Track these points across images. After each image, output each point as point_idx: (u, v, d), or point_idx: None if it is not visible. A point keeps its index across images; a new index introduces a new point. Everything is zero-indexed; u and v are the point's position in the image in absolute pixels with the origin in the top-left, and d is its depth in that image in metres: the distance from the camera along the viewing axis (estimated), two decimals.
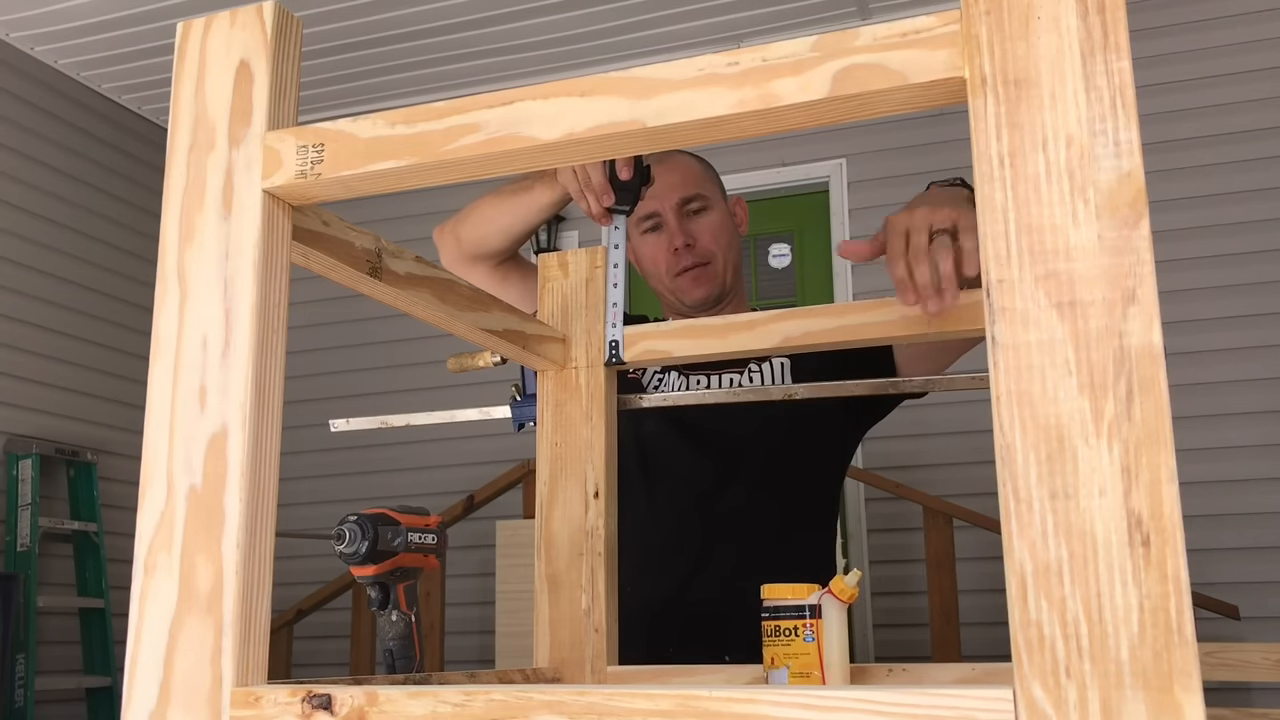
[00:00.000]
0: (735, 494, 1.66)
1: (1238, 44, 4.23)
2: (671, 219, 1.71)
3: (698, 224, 1.72)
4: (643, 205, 1.70)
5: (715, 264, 1.72)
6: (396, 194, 1.84)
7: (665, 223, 1.72)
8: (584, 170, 1.45)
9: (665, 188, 1.70)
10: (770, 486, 1.65)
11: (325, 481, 4.94)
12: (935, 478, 4.09)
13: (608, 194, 1.45)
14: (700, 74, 0.71)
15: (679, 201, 1.71)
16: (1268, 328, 4.04)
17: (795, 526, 1.64)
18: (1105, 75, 0.62)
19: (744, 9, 4.46)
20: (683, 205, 1.72)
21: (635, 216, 1.72)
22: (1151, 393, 0.58)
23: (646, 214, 1.72)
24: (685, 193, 1.72)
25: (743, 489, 1.66)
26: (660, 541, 1.63)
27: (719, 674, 1.21)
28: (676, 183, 1.72)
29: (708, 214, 1.73)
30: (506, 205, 1.61)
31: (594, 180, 1.44)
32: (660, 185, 1.69)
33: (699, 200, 1.73)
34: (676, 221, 1.71)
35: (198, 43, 0.84)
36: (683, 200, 1.71)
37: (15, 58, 4.64)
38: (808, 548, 1.65)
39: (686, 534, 1.65)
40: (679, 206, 1.71)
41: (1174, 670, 0.55)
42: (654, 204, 1.70)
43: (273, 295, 0.80)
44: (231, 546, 0.75)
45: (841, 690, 0.60)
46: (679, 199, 1.71)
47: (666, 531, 1.64)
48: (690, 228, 1.72)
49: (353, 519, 1.17)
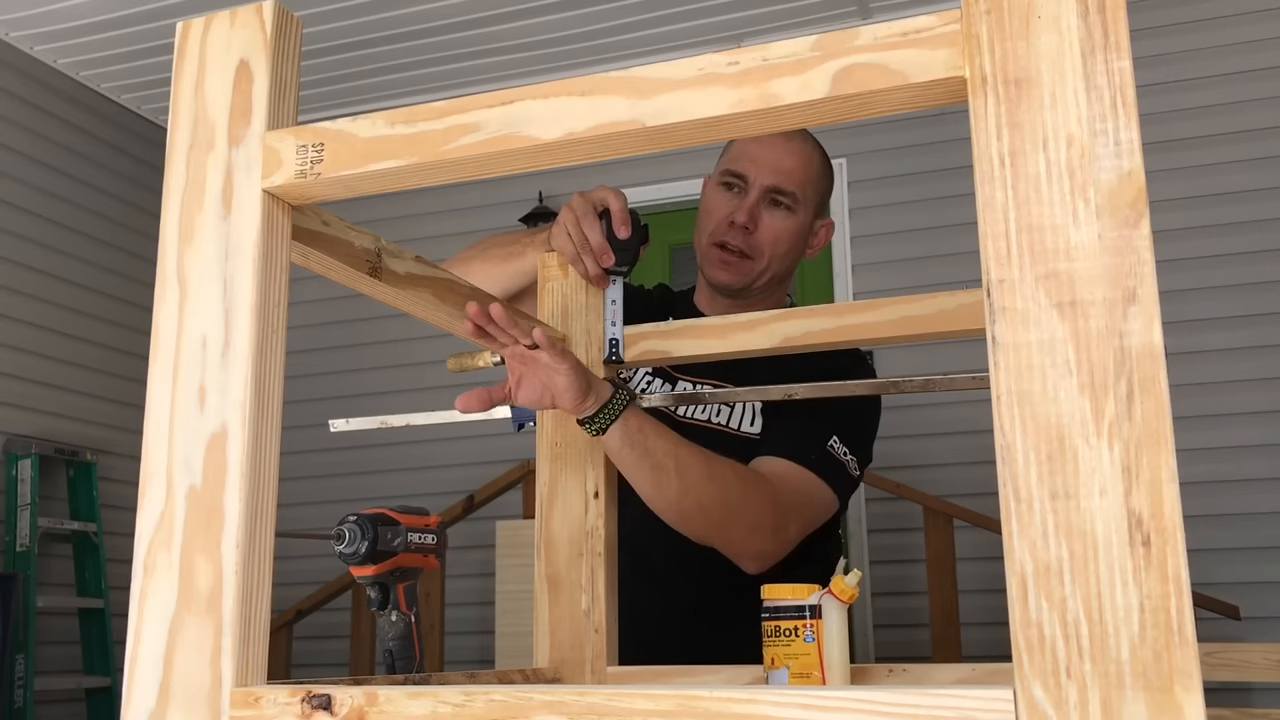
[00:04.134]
0: None
1: (1238, 44, 4.23)
2: (753, 194, 1.60)
3: (770, 218, 1.62)
4: (738, 161, 1.62)
5: (757, 262, 1.63)
6: (396, 194, 1.84)
7: (746, 192, 1.61)
8: (579, 230, 1.39)
9: (770, 163, 1.60)
10: None
11: (325, 481, 4.94)
12: (935, 478, 4.09)
13: (608, 254, 1.38)
14: (700, 74, 0.71)
15: (770, 186, 1.61)
16: (1267, 327, 4.04)
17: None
18: (1106, 75, 0.62)
19: (744, 9, 4.46)
20: (771, 191, 1.61)
21: (722, 168, 1.63)
22: (1152, 392, 0.58)
23: (736, 171, 1.62)
24: (783, 183, 1.61)
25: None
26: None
27: (719, 674, 1.21)
28: (785, 168, 1.61)
29: (787, 216, 1.62)
30: (495, 272, 1.52)
31: (593, 241, 1.38)
32: (768, 156, 1.60)
33: (789, 199, 1.62)
34: (755, 199, 1.60)
35: (197, 42, 0.84)
36: (775, 187, 1.61)
37: (15, 57, 4.64)
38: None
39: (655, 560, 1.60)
40: (767, 189, 1.61)
41: (1174, 670, 0.55)
42: (749, 168, 1.61)
43: (272, 295, 0.80)
44: (231, 546, 0.75)
45: (841, 690, 0.60)
46: (773, 184, 1.61)
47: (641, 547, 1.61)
48: (761, 215, 1.61)
49: (353, 519, 1.17)
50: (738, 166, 1.62)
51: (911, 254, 4.46)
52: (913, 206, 4.52)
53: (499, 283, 1.49)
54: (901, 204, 4.56)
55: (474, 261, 1.55)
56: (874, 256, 4.57)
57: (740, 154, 1.64)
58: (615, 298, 1.40)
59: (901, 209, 4.55)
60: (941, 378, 1.40)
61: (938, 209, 4.41)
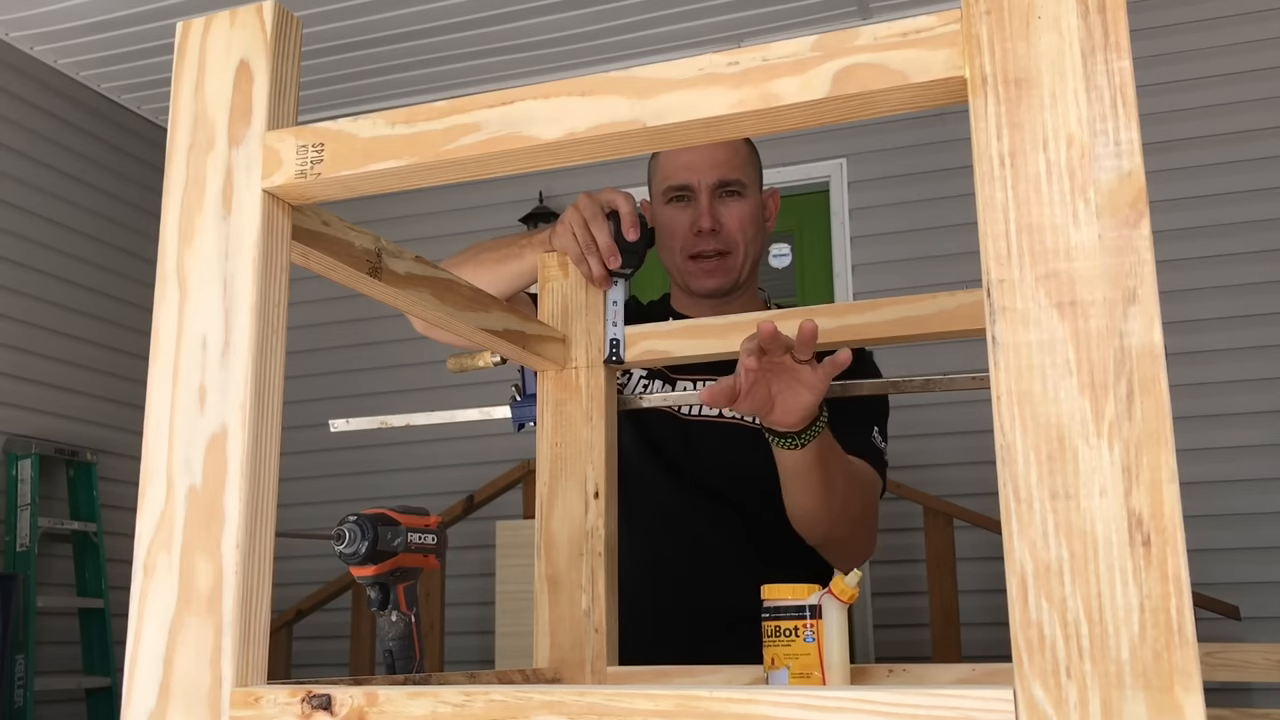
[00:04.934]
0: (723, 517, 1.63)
1: (1239, 44, 4.23)
2: (704, 198, 1.62)
3: (728, 209, 1.64)
4: (676, 175, 1.63)
5: (735, 255, 1.65)
6: (396, 194, 1.83)
7: (696, 199, 1.63)
8: (586, 231, 1.39)
9: (706, 163, 1.62)
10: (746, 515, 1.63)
11: (325, 481, 4.94)
12: (935, 478, 4.09)
13: (615, 256, 1.38)
14: (700, 74, 0.71)
15: (717, 182, 1.63)
16: (1268, 327, 4.04)
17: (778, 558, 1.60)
18: (1106, 75, 0.62)
19: (744, 9, 4.46)
20: (719, 187, 1.63)
21: (663, 187, 1.65)
22: (1152, 392, 0.58)
23: (678, 185, 1.64)
24: (726, 175, 1.63)
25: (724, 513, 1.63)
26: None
27: (719, 674, 1.21)
28: (720, 161, 1.63)
29: (741, 201, 1.64)
30: (490, 275, 1.51)
31: (601, 242, 1.38)
32: (700, 158, 1.62)
33: (737, 185, 1.64)
34: (708, 201, 1.62)
35: (197, 42, 0.84)
36: (721, 182, 1.63)
37: (15, 57, 4.64)
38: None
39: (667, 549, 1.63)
40: (714, 187, 1.63)
41: (1175, 670, 0.55)
42: (689, 176, 1.63)
43: (272, 295, 0.80)
44: (231, 546, 0.75)
45: (842, 690, 0.60)
46: (717, 179, 1.62)
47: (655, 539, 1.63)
48: (720, 211, 1.63)
49: (353, 519, 1.17)
50: (677, 179, 1.64)
51: (911, 254, 4.46)
52: (912, 206, 4.52)
53: (495, 285, 1.48)
54: (901, 204, 4.56)
55: (466, 265, 1.53)
56: (874, 256, 4.57)
57: (673, 168, 1.65)
58: (617, 298, 1.40)
59: (901, 209, 4.55)
60: (941, 378, 1.40)
61: (937, 209, 4.41)
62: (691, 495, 1.65)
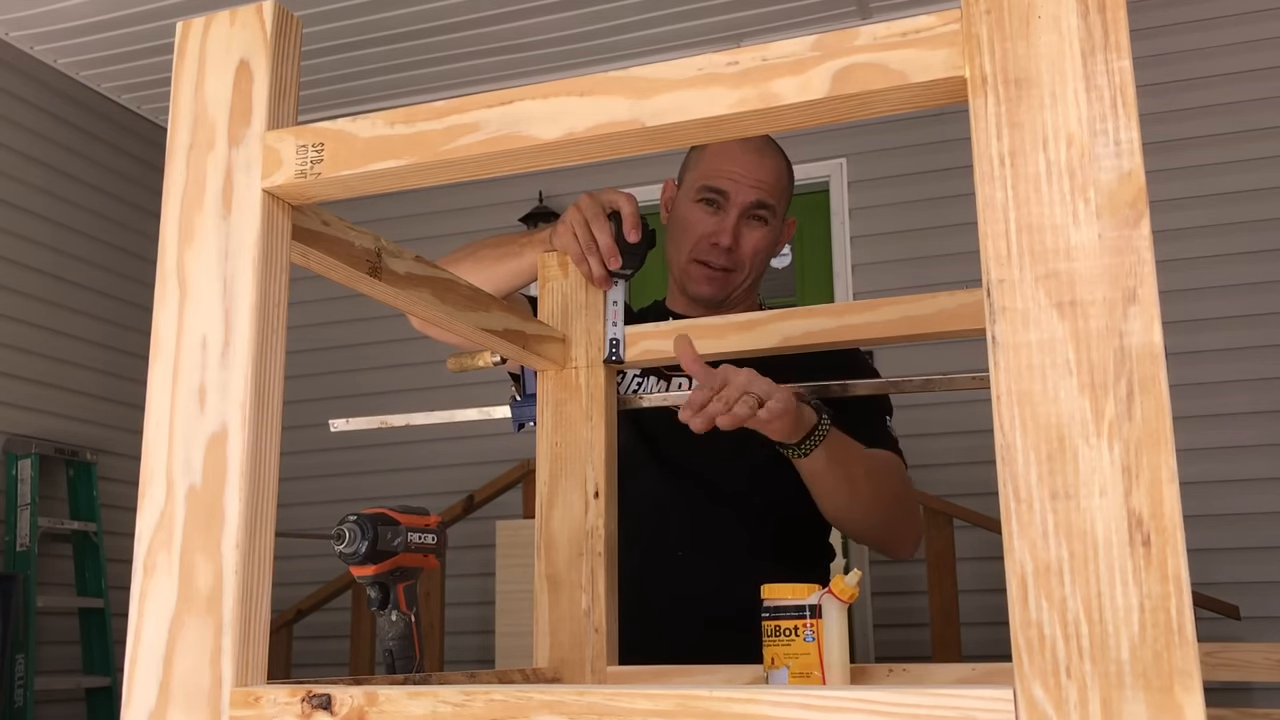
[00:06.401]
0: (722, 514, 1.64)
1: (1239, 44, 4.23)
2: (734, 213, 1.63)
3: (750, 233, 1.65)
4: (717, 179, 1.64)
5: (739, 274, 1.67)
6: (396, 194, 1.83)
7: (725, 210, 1.64)
8: (587, 231, 1.39)
9: (750, 179, 1.63)
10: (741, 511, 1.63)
11: (325, 481, 4.94)
12: (935, 478, 4.09)
13: (616, 257, 1.38)
14: (700, 74, 0.71)
15: (752, 202, 1.64)
16: (1268, 328, 4.04)
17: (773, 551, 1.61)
18: (1106, 75, 0.62)
19: (744, 9, 4.46)
20: (752, 207, 1.64)
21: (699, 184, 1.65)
22: (1152, 392, 0.58)
23: (715, 188, 1.64)
24: (763, 198, 1.64)
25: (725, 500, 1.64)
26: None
27: (719, 674, 1.21)
28: (763, 181, 1.64)
29: (763, 228, 1.66)
30: (489, 273, 1.50)
31: (602, 243, 1.38)
32: (747, 172, 1.62)
33: (768, 211, 1.65)
34: (736, 218, 1.64)
35: (197, 42, 0.84)
36: (757, 203, 1.64)
37: (15, 57, 4.64)
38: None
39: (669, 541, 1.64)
40: (748, 206, 1.64)
41: (1175, 670, 0.55)
42: (729, 186, 1.63)
43: (272, 295, 0.80)
44: (231, 546, 0.75)
45: (841, 690, 0.60)
46: (754, 200, 1.64)
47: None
48: (742, 232, 1.65)
49: (353, 519, 1.17)
50: (717, 183, 1.64)
51: (911, 254, 4.46)
52: (912, 206, 4.52)
53: (494, 283, 1.48)
54: (901, 204, 4.56)
55: (464, 263, 1.53)
56: (874, 256, 4.57)
57: (716, 170, 1.65)
58: (617, 299, 1.40)
59: (901, 209, 4.55)
60: (941, 378, 1.41)
61: (937, 209, 4.41)
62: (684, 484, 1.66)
